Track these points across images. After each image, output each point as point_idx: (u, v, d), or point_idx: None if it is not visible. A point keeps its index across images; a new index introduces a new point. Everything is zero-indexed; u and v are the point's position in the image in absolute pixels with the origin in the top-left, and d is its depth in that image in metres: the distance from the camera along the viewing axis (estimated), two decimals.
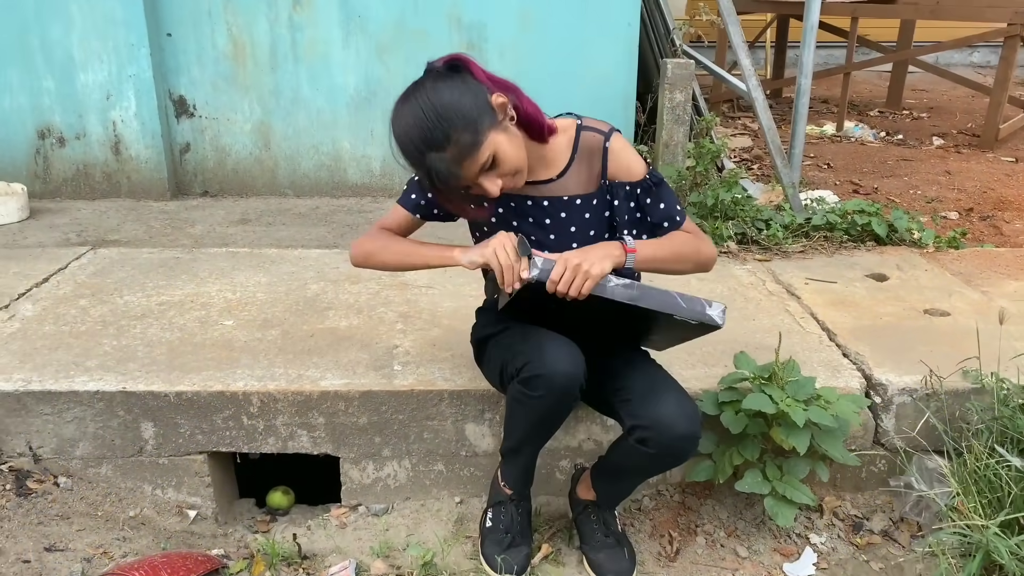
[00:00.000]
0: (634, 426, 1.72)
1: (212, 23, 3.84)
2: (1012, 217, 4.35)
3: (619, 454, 1.84)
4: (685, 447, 1.72)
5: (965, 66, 9.61)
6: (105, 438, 2.13)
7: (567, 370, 1.65)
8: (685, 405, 1.71)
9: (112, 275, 2.89)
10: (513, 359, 1.74)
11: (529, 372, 1.66)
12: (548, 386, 1.66)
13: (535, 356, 1.67)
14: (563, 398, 1.70)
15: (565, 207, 1.83)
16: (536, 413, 1.74)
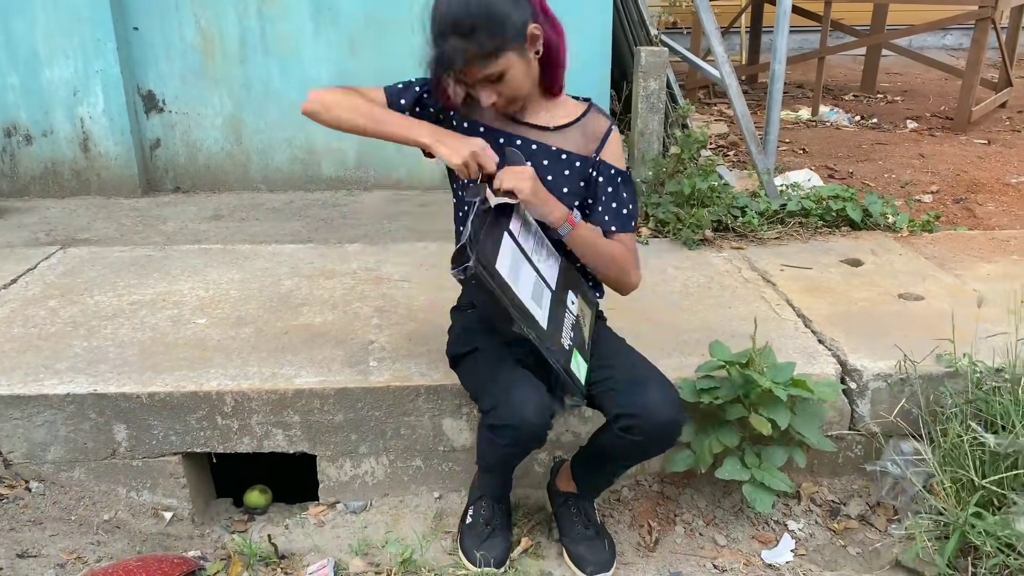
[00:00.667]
0: (619, 415, 1.72)
1: (179, 16, 3.78)
2: (985, 199, 4.39)
3: (602, 444, 1.85)
4: (670, 433, 1.73)
5: (938, 49, 9.67)
6: (77, 441, 2.10)
7: (532, 420, 1.67)
8: (669, 393, 1.73)
9: (82, 275, 2.85)
10: (483, 395, 1.78)
11: (496, 419, 1.69)
12: (513, 436, 1.69)
13: (502, 400, 1.69)
14: (529, 444, 1.75)
15: (549, 156, 1.84)
16: (503, 453, 1.81)
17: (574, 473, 1.98)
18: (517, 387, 1.70)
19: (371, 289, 2.72)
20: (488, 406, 1.72)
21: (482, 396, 1.78)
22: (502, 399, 1.69)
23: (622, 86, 4.29)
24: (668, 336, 2.34)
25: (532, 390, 1.70)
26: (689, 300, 2.64)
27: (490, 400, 1.72)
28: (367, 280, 2.80)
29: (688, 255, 3.08)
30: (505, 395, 1.69)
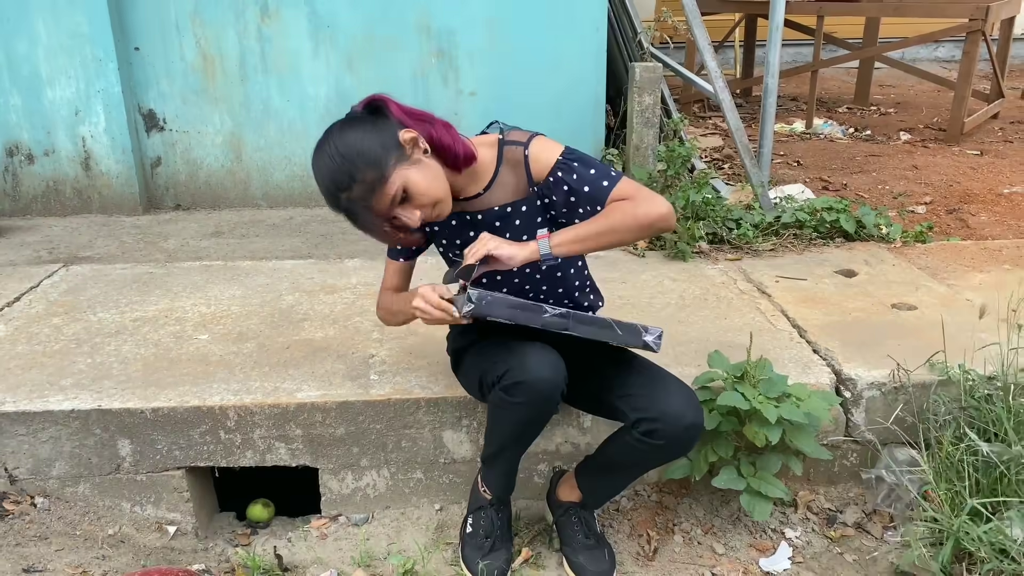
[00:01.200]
0: (640, 419, 1.74)
1: (180, 36, 3.83)
2: (977, 210, 4.43)
3: (617, 450, 1.85)
4: (692, 436, 1.76)
5: (931, 61, 9.77)
6: (82, 457, 2.13)
7: (548, 376, 1.69)
8: (690, 395, 1.76)
9: (85, 292, 2.88)
10: (493, 367, 1.78)
11: (510, 379, 1.70)
12: (529, 392, 1.70)
13: (516, 363, 1.71)
14: (545, 404, 1.73)
15: (497, 216, 1.86)
16: (518, 419, 1.78)
17: (580, 483, 1.99)
18: (532, 350, 1.72)
19: (371, 303, 2.74)
20: (502, 370, 1.72)
21: (493, 368, 1.77)
22: (516, 362, 1.70)
23: (617, 102, 4.34)
24: (666, 348, 2.36)
25: (547, 352, 1.72)
26: (685, 312, 2.67)
27: (502, 366, 1.73)
28: (367, 295, 2.83)
29: (684, 267, 3.11)
30: (519, 358, 1.71)
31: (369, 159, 1.63)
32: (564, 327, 1.71)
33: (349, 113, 1.73)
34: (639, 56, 4.32)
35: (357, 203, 1.65)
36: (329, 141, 1.67)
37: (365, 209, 1.66)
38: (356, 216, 1.68)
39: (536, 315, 1.70)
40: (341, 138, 1.65)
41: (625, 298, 2.78)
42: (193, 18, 3.80)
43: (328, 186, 1.66)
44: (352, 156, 1.63)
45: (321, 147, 1.68)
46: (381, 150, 1.64)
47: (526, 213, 1.86)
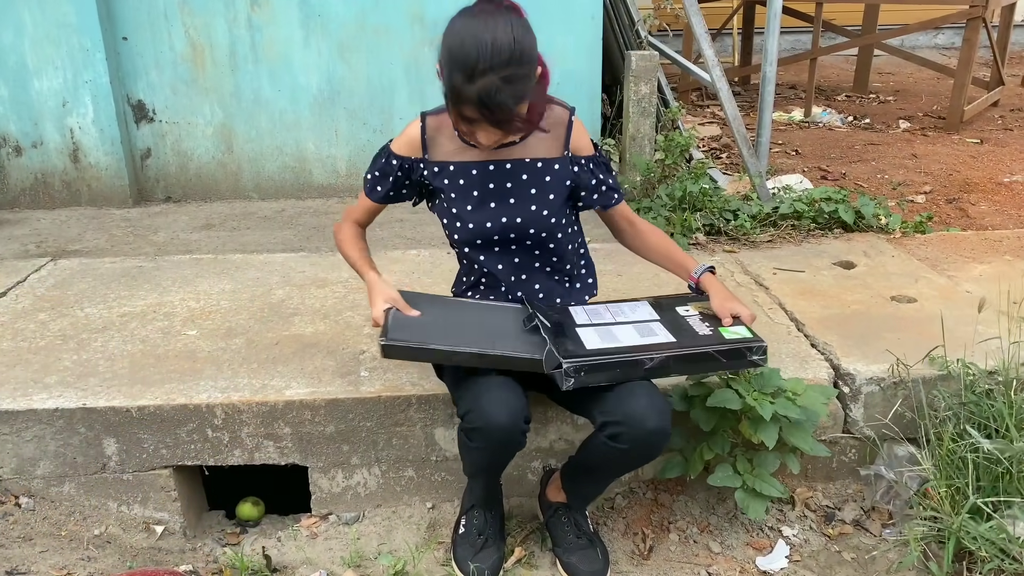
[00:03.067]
0: (605, 422, 1.71)
1: (169, 25, 3.77)
2: (977, 199, 4.39)
3: (590, 452, 1.84)
4: (656, 441, 1.71)
5: (930, 48, 9.70)
6: (67, 456, 2.09)
7: (503, 423, 1.66)
8: (656, 400, 1.71)
9: (73, 287, 2.83)
10: (459, 400, 1.78)
11: (468, 423, 1.69)
12: (486, 438, 1.69)
13: (475, 406, 1.68)
14: (503, 447, 1.73)
15: (527, 169, 1.86)
16: (480, 458, 1.80)
17: (563, 483, 1.97)
18: (489, 391, 1.69)
19: (363, 298, 2.70)
20: (462, 410, 1.73)
21: (458, 401, 1.79)
22: (474, 403, 1.69)
23: (613, 91, 4.29)
24: None
25: (505, 393, 1.69)
26: None
27: (464, 404, 1.73)
28: (359, 289, 2.78)
29: None
30: (476, 399, 1.69)
31: (529, 69, 1.62)
32: (666, 373, 1.73)
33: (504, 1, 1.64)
34: (636, 44, 4.26)
35: (501, 95, 1.57)
36: (511, 19, 1.59)
37: (501, 102, 1.58)
38: (485, 101, 1.57)
39: (638, 369, 1.70)
40: (523, 30, 1.60)
41: (620, 291, 2.74)
42: (182, 7, 3.74)
43: (490, 58, 1.55)
44: (528, 57, 1.60)
45: (490, 14, 1.59)
46: (534, 67, 1.64)
47: (558, 172, 1.88)
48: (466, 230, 1.87)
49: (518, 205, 1.86)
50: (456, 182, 1.87)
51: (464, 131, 1.73)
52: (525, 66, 1.60)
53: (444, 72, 1.62)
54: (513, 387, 1.71)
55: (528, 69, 1.61)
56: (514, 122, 1.64)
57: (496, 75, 1.56)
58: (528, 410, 1.72)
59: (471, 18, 1.60)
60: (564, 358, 1.66)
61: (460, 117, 1.66)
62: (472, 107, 1.60)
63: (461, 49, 1.57)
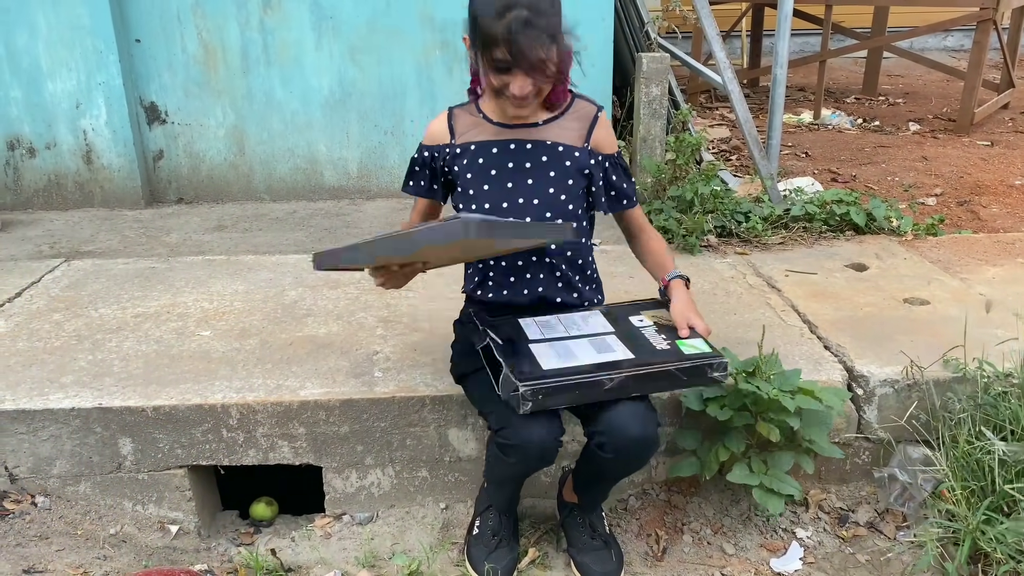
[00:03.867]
0: (592, 432, 1.73)
1: (182, 28, 3.79)
2: (989, 201, 4.38)
3: (585, 460, 1.85)
4: (640, 449, 1.71)
5: (939, 50, 9.67)
6: (82, 455, 2.10)
7: (540, 439, 1.66)
8: (639, 408, 1.70)
9: (86, 287, 2.85)
10: (491, 415, 1.77)
11: (504, 439, 1.69)
12: (522, 454, 1.69)
13: (510, 423, 1.67)
14: (538, 463, 1.74)
15: (548, 151, 1.87)
16: (513, 472, 1.80)
17: (574, 486, 1.98)
18: None
19: (375, 299, 2.71)
20: (498, 425, 1.71)
21: (491, 414, 1.77)
22: (512, 420, 1.67)
23: (624, 92, 4.29)
24: None
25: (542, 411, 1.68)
26: None
27: (500, 419, 1.71)
28: (371, 290, 2.79)
29: (692, 261, 3.07)
30: (514, 417, 1.67)
31: (556, 11, 1.66)
32: (626, 392, 1.69)
33: None
34: (646, 46, 4.27)
35: (538, 15, 1.60)
36: None
37: (532, 24, 1.60)
38: (524, 24, 1.59)
39: (597, 390, 1.67)
40: None
41: (632, 293, 2.73)
42: (195, 10, 3.76)
43: None
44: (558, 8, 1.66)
45: None
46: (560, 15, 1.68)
47: (578, 159, 1.88)
48: (481, 210, 1.86)
49: (535, 186, 1.86)
50: (476, 161, 1.87)
51: (497, 85, 1.70)
52: (554, 4, 1.64)
53: (472, 22, 1.65)
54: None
55: (556, 8, 1.64)
56: (545, 66, 1.65)
57: (524, 8, 1.59)
58: (563, 426, 1.73)
59: None
60: (521, 381, 1.62)
61: (492, 67, 1.66)
62: (502, 47, 1.60)
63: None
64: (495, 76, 1.68)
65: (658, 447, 1.74)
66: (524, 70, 1.65)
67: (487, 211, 1.86)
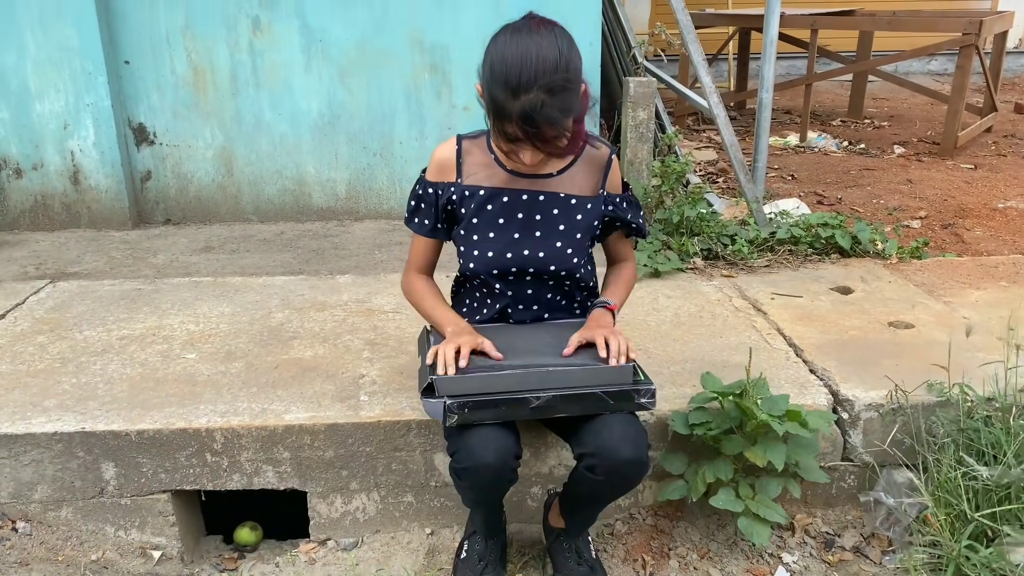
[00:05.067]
0: (582, 454, 1.71)
1: (171, 50, 3.80)
2: (972, 224, 4.42)
3: (574, 483, 1.84)
4: (631, 472, 1.70)
5: (923, 74, 9.79)
6: (64, 480, 2.08)
7: (492, 461, 1.65)
8: (630, 430, 1.70)
9: (72, 309, 2.83)
10: (448, 437, 1.76)
11: (457, 463, 1.68)
12: (475, 478, 1.68)
13: (463, 445, 1.67)
14: (492, 486, 1.72)
15: (559, 204, 1.85)
16: (473, 496, 1.79)
17: (560, 510, 1.97)
18: (477, 429, 1.67)
19: (362, 321, 2.71)
20: (451, 449, 1.71)
21: (448, 438, 1.76)
22: (462, 443, 1.67)
23: (611, 115, 4.32)
24: (661, 367, 2.34)
25: (494, 431, 1.67)
26: (680, 330, 2.64)
27: (453, 444, 1.71)
28: (358, 312, 2.79)
29: (679, 284, 3.08)
30: (464, 439, 1.67)
31: (577, 86, 1.59)
32: (553, 412, 1.70)
33: (548, 20, 1.63)
34: (632, 70, 4.30)
35: (550, 110, 1.54)
36: (557, 37, 1.57)
37: (549, 106, 1.54)
38: (540, 106, 1.54)
39: (523, 408, 1.68)
40: (570, 47, 1.58)
41: (620, 316, 2.74)
42: (184, 32, 3.77)
43: (539, 73, 1.53)
44: (572, 55, 1.57)
45: (534, 29, 1.57)
46: (580, 85, 1.60)
47: (590, 211, 1.87)
48: (484, 258, 1.84)
49: (543, 239, 1.84)
50: (484, 207, 1.84)
51: (506, 150, 1.68)
52: (571, 80, 1.56)
53: (486, 90, 1.60)
54: (500, 426, 1.69)
55: (574, 84, 1.57)
56: (559, 140, 1.60)
57: (541, 90, 1.53)
58: (519, 446, 1.71)
59: (515, 33, 1.58)
60: (448, 396, 1.65)
61: (503, 135, 1.62)
62: (516, 125, 1.57)
63: (504, 64, 1.55)
64: (504, 143, 1.66)
65: (648, 469, 1.74)
66: (536, 143, 1.61)
67: (489, 259, 1.85)
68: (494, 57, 1.58)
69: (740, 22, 7.25)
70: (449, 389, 1.68)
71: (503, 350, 1.77)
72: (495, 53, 1.58)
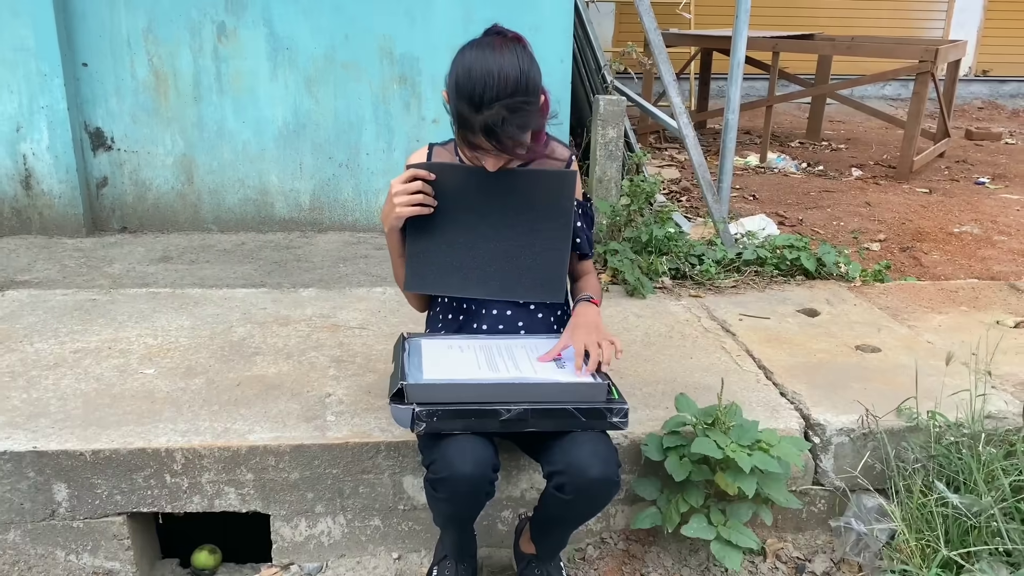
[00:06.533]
0: (551, 472, 1.68)
1: (132, 53, 3.70)
2: (929, 248, 4.51)
3: (544, 504, 1.81)
4: (600, 490, 1.68)
5: (878, 98, 10.03)
6: (13, 502, 1.98)
7: (470, 472, 1.62)
8: (600, 448, 1.67)
9: (22, 320, 2.72)
10: (424, 448, 1.74)
11: (434, 473, 1.65)
12: (451, 490, 1.64)
13: (439, 455, 1.64)
14: (469, 499, 1.68)
15: None
16: (447, 510, 1.74)
17: (531, 534, 1.93)
18: (455, 439, 1.65)
19: (327, 337, 2.65)
20: (427, 460, 1.69)
21: (423, 450, 1.74)
22: (439, 453, 1.64)
23: (580, 133, 4.32)
24: (633, 388, 2.32)
25: (471, 442, 1.65)
26: (651, 350, 2.63)
27: (429, 454, 1.68)
28: (323, 327, 2.73)
29: (647, 303, 3.08)
30: (441, 449, 1.64)
31: (535, 98, 1.66)
32: (524, 426, 1.68)
33: (512, 33, 1.70)
34: (601, 88, 4.31)
35: (506, 124, 1.61)
36: (519, 53, 1.64)
37: (501, 131, 1.62)
38: (491, 130, 1.62)
39: (493, 420, 1.66)
40: (530, 62, 1.65)
41: None
42: (146, 35, 3.67)
43: (498, 88, 1.60)
44: (535, 91, 1.65)
45: (507, 51, 1.64)
46: (538, 96, 1.68)
47: None
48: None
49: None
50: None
51: (469, 157, 1.76)
52: (531, 97, 1.64)
53: (451, 101, 1.67)
54: (478, 438, 1.67)
55: (533, 100, 1.65)
56: (518, 150, 1.68)
57: (502, 106, 1.60)
58: (497, 458, 1.68)
59: (479, 49, 1.65)
60: (418, 403, 1.64)
61: (466, 143, 1.70)
62: (478, 135, 1.64)
63: (468, 79, 1.62)
64: (468, 150, 1.72)
65: (619, 488, 1.71)
66: (497, 152, 1.68)
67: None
68: (459, 71, 1.65)
69: (703, 43, 7.35)
70: (419, 396, 1.66)
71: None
72: (460, 67, 1.65)
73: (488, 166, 1.74)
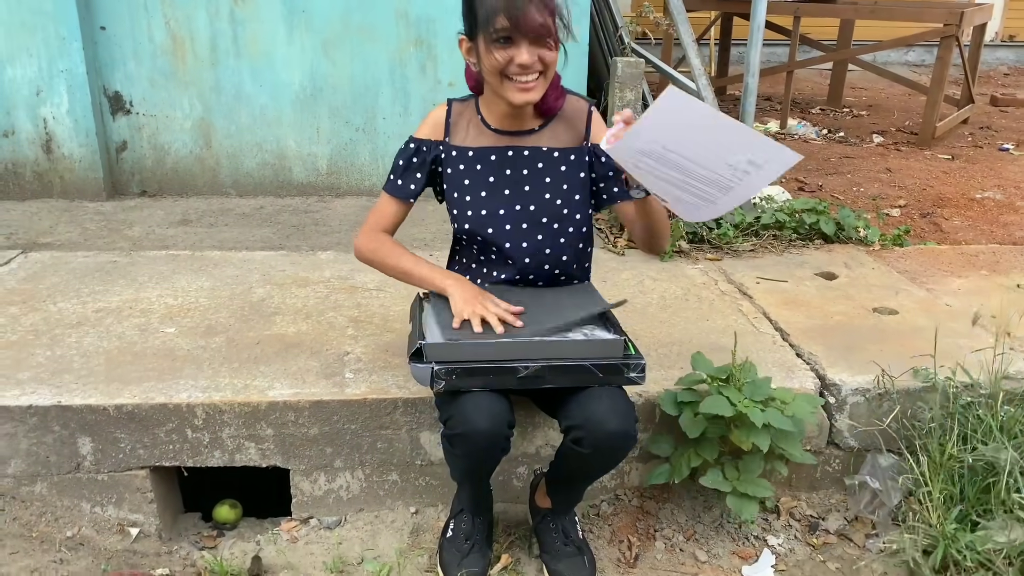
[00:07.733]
0: (569, 427, 1.70)
1: (149, 16, 3.70)
2: (951, 214, 4.46)
3: (561, 458, 1.82)
4: (618, 444, 1.69)
5: (901, 64, 9.87)
6: (39, 455, 2.02)
7: (486, 428, 1.63)
8: (618, 403, 1.69)
9: (45, 280, 2.76)
10: (440, 404, 1.76)
11: (450, 429, 1.67)
12: (468, 445, 1.66)
13: (456, 411, 1.66)
14: (485, 454, 1.70)
15: (543, 158, 1.89)
16: (464, 466, 1.76)
17: (548, 490, 1.95)
18: (471, 395, 1.66)
19: (345, 298, 2.67)
20: (445, 415, 1.70)
21: (440, 406, 1.77)
22: (455, 409, 1.66)
23: (597, 96, 4.29)
24: (648, 349, 2.33)
25: (487, 398, 1.66)
26: (667, 313, 2.63)
27: (446, 410, 1.70)
28: (341, 289, 2.74)
29: (664, 267, 3.07)
30: (458, 404, 1.66)
31: None
32: (541, 382, 1.69)
33: None
34: (619, 51, 4.27)
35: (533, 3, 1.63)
36: None
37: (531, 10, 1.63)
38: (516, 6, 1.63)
39: (510, 377, 1.68)
40: None
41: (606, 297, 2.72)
42: None
43: None
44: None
45: None
46: None
47: (574, 162, 1.90)
48: (478, 216, 1.87)
49: (532, 193, 1.88)
50: (473, 167, 1.89)
51: (501, 61, 1.68)
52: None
53: (467, 8, 1.69)
54: (496, 395, 1.68)
55: None
56: (548, 32, 1.66)
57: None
58: (512, 414, 1.70)
59: None
60: (436, 362, 1.66)
61: (493, 40, 1.66)
62: (502, 15, 1.63)
63: None
64: (498, 51, 1.68)
65: (636, 442, 1.73)
66: (526, 37, 1.66)
67: (483, 217, 1.87)
68: None
69: (724, 7, 7.24)
70: (438, 355, 1.68)
71: None
72: None
73: (520, 59, 1.67)
